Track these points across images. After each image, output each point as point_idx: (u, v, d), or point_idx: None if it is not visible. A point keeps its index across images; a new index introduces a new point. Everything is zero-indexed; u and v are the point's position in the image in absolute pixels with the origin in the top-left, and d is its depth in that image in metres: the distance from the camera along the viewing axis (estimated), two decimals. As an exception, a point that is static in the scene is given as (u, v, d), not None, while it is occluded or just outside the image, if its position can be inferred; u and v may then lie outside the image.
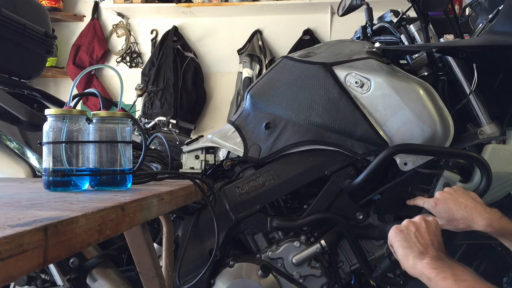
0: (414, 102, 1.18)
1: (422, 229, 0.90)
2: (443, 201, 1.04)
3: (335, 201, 1.27)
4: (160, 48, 3.83)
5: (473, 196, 1.04)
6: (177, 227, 1.46)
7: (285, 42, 3.81)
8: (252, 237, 1.35)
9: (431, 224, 0.92)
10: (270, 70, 1.41)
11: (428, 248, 0.86)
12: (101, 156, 0.85)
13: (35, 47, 1.49)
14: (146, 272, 1.03)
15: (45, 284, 1.27)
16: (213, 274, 1.30)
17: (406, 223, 0.93)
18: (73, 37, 4.06)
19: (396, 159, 1.20)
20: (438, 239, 0.90)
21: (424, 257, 0.83)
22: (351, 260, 1.33)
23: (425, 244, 0.87)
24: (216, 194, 1.26)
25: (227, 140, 1.40)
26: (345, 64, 1.27)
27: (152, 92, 3.29)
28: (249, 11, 3.82)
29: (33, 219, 0.50)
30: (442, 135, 1.19)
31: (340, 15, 1.62)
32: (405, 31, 1.38)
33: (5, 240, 0.41)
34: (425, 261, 0.82)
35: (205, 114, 3.96)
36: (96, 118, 0.86)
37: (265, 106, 1.35)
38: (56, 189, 0.81)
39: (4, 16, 1.32)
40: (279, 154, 1.30)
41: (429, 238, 0.88)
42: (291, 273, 1.30)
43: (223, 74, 3.96)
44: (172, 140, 2.21)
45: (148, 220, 0.81)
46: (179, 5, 3.73)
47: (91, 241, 0.57)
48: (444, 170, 1.21)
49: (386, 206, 1.28)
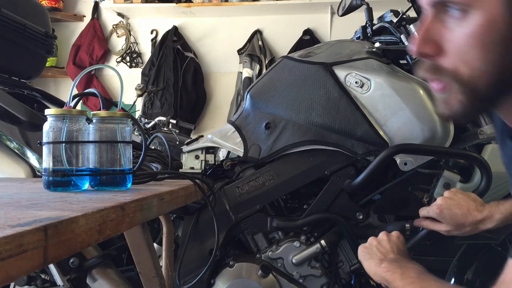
0: (414, 102, 1.19)
1: (383, 241, 0.97)
2: (446, 207, 1.05)
3: (335, 201, 1.27)
4: (160, 48, 3.83)
5: (473, 197, 1.04)
6: (177, 227, 1.46)
7: (285, 42, 3.81)
8: (252, 237, 1.35)
9: (392, 236, 0.98)
10: (270, 70, 1.41)
11: (387, 254, 0.92)
12: (101, 156, 0.85)
13: (35, 47, 1.49)
14: (146, 272, 1.03)
15: (45, 284, 1.28)
16: (213, 274, 1.30)
17: (370, 240, 1.00)
18: (73, 37, 4.06)
19: (396, 159, 1.20)
20: (398, 247, 0.95)
21: (382, 262, 0.89)
22: (351, 260, 1.33)
23: (385, 252, 0.93)
24: (216, 194, 1.26)
25: (227, 140, 1.40)
26: (345, 64, 1.27)
27: (152, 92, 3.29)
28: (249, 11, 3.82)
29: (33, 219, 0.50)
30: (442, 135, 1.19)
31: (340, 15, 1.62)
32: (405, 31, 1.38)
33: (5, 240, 0.41)
34: (383, 265, 0.88)
35: (205, 114, 3.96)
36: (96, 118, 0.86)
37: (265, 106, 1.35)
38: (56, 189, 0.81)
39: (4, 16, 1.32)
40: (279, 154, 1.30)
41: (389, 246, 0.94)
42: (291, 273, 1.30)
43: (223, 74, 3.96)
44: (172, 140, 2.21)
45: (148, 220, 0.81)
46: (179, 5, 3.73)
47: (91, 241, 0.57)
48: (444, 170, 1.21)
49: (386, 206, 1.28)
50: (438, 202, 1.07)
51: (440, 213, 1.05)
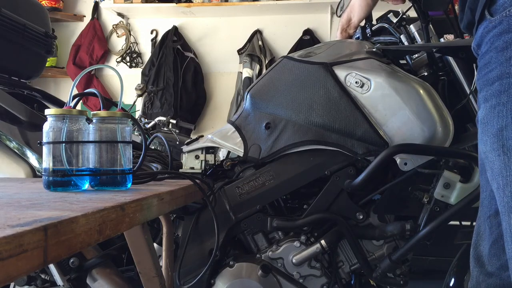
0: (414, 102, 1.19)
1: None
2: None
3: (335, 201, 1.27)
4: (160, 48, 3.83)
5: None
6: (177, 227, 1.46)
7: (285, 42, 3.81)
8: (252, 237, 1.35)
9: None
10: (270, 70, 1.41)
11: None
12: (101, 156, 0.85)
13: (35, 47, 1.49)
14: (146, 272, 1.03)
15: (45, 284, 1.27)
16: (213, 274, 1.30)
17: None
18: (73, 37, 4.06)
19: (396, 159, 1.20)
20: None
21: None
22: (351, 260, 1.33)
23: None
24: (216, 194, 1.26)
25: (227, 140, 1.40)
26: (345, 64, 1.27)
27: (152, 92, 3.30)
28: (249, 11, 3.82)
29: (33, 219, 0.50)
30: (442, 135, 1.19)
31: (338, 16, 1.62)
32: (405, 31, 1.38)
33: (5, 240, 0.41)
34: None
35: (205, 114, 3.96)
36: (96, 118, 0.86)
37: (265, 106, 1.35)
38: (56, 189, 0.81)
39: (4, 16, 1.33)
40: (279, 154, 1.30)
41: None
42: (291, 273, 1.30)
43: (223, 74, 3.96)
44: (172, 140, 2.22)
45: (148, 220, 0.81)
46: (179, 5, 3.73)
47: (91, 241, 0.57)
48: (444, 170, 1.21)
49: (386, 206, 1.28)
50: None
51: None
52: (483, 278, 0.90)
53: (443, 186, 1.20)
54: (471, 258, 0.94)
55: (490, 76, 0.75)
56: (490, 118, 0.75)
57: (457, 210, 1.17)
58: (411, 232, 1.22)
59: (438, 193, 1.21)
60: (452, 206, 1.19)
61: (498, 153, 0.73)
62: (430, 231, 1.17)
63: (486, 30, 0.77)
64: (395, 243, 1.29)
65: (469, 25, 0.86)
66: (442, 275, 1.49)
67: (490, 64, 0.76)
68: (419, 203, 1.25)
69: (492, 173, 0.76)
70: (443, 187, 1.20)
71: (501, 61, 0.73)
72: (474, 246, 0.94)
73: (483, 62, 0.79)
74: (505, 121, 0.72)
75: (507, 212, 0.73)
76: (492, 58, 0.75)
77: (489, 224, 0.89)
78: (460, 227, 1.45)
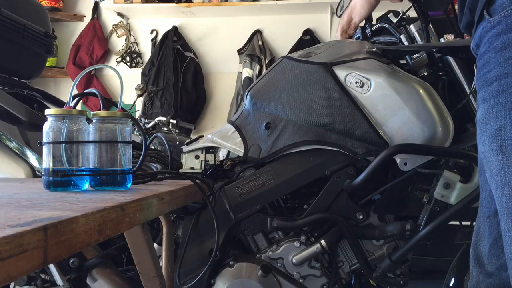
0: (414, 102, 1.19)
1: None
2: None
3: (335, 201, 1.27)
4: (160, 48, 3.83)
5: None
6: (177, 227, 1.46)
7: (285, 42, 3.81)
8: (252, 237, 1.35)
9: None
10: (270, 70, 1.41)
11: None
12: (101, 156, 0.85)
13: (35, 47, 1.49)
14: (146, 272, 1.03)
15: (45, 284, 1.27)
16: (213, 274, 1.30)
17: None
18: (73, 37, 4.06)
19: (396, 159, 1.20)
20: None
21: None
22: (351, 260, 1.33)
23: None
24: (216, 194, 1.26)
25: (227, 140, 1.40)
26: (345, 64, 1.27)
27: (152, 92, 3.30)
28: (249, 11, 3.83)
29: (33, 219, 0.50)
30: (442, 135, 1.19)
31: (338, 16, 1.62)
32: (405, 31, 1.38)
33: (5, 240, 0.41)
34: None
35: (205, 114, 3.96)
36: (96, 118, 0.86)
37: (265, 106, 1.35)
38: (56, 189, 0.81)
39: (4, 16, 1.33)
40: (279, 154, 1.30)
41: None
42: (291, 273, 1.30)
43: (223, 74, 3.96)
44: (172, 140, 2.22)
45: (148, 220, 0.81)
46: (179, 5, 3.73)
47: (91, 241, 0.57)
48: (444, 170, 1.21)
49: (386, 206, 1.28)
50: None
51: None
52: (483, 278, 0.90)
53: (443, 186, 1.20)
54: (471, 258, 0.94)
55: (489, 76, 0.75)
56: (489, 118, 0.75)
57: (457, 210, 1.17)
58: (411, 232, 1.22)
59: (438, 193, 1.21)
60: (452, 206, 1.19)
61: (496, 153, 0.73)
62: (430, 231, 1.17)
63: (485, 30, 0.77)
64: (395, 243, 1.29)
65: (468, 25, 0.86)
66: (442, 275, 1.49)
67: (489, 64, 0.76)
68: (419, 203, 1.25)
69: (491, 173, 0.76)
70: (443, 187, 1.20)
71: (500, 61, 0.73)
72: (474, 246, 0.94)
73: (482, 62, 0.79)
74: (504, 121, 0.72)
75: (506, 212, 0.73)
76: (491, 58, 0.75)
77: (488, 224, 0.89)
78: (460, 227, 1.45)
